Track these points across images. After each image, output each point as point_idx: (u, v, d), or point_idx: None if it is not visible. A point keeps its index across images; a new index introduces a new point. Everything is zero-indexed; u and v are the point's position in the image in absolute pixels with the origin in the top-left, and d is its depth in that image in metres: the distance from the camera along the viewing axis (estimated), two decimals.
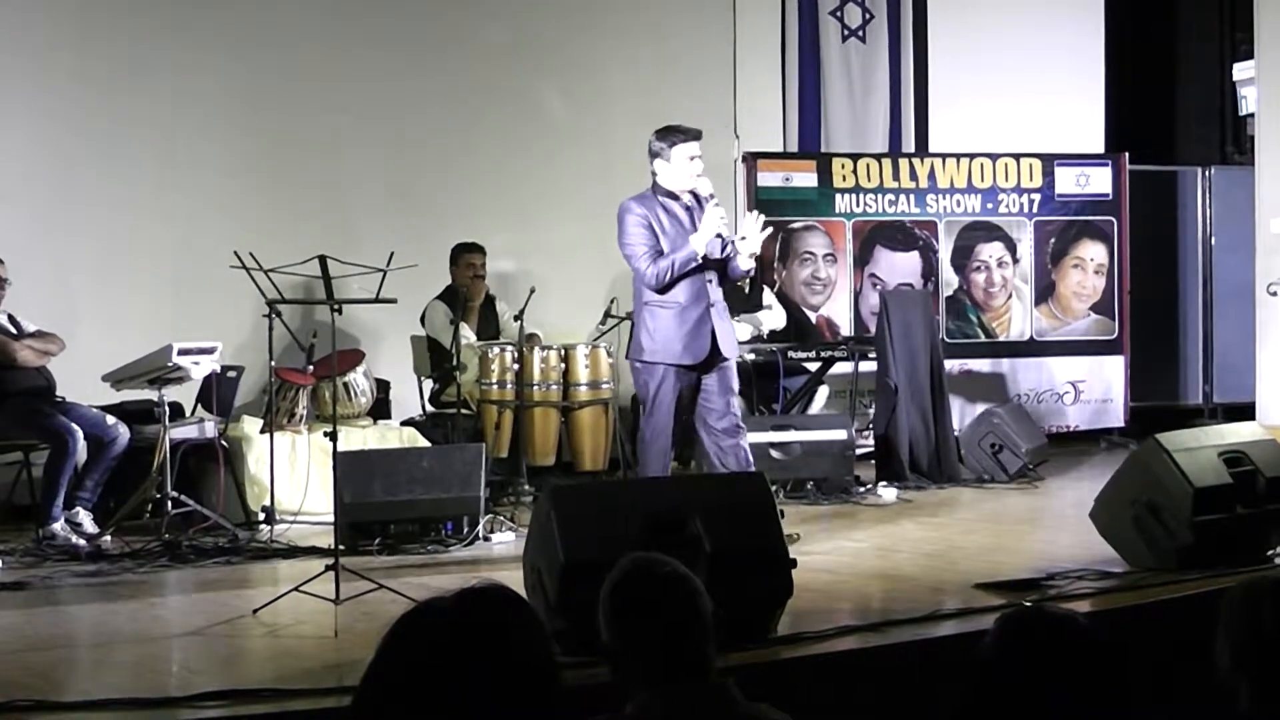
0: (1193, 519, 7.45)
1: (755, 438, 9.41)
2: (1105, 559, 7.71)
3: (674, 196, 8.45)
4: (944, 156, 13.09)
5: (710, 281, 8.38)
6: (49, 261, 10.66)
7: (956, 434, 11.61)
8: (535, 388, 10.53)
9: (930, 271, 12.91)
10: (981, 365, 13.01)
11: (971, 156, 13.01)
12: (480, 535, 8.91)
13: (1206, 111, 15.44)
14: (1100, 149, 14.03)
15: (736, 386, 8.57)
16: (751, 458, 8.55)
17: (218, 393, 9.68)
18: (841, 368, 12.05)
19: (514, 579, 6.39)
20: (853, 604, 7.32)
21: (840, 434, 10.81)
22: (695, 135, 8.51)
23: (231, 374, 9.96)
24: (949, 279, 12.96)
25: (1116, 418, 13.31)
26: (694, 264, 8.27)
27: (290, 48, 11.61)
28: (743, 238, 8.38)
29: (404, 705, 2.69)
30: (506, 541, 8.88)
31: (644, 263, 8.33)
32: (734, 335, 8.68)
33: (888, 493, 10.68)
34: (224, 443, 9.67)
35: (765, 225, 8.43)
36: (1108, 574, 7.48)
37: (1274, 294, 12.17)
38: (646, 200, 8.46)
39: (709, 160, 8.68)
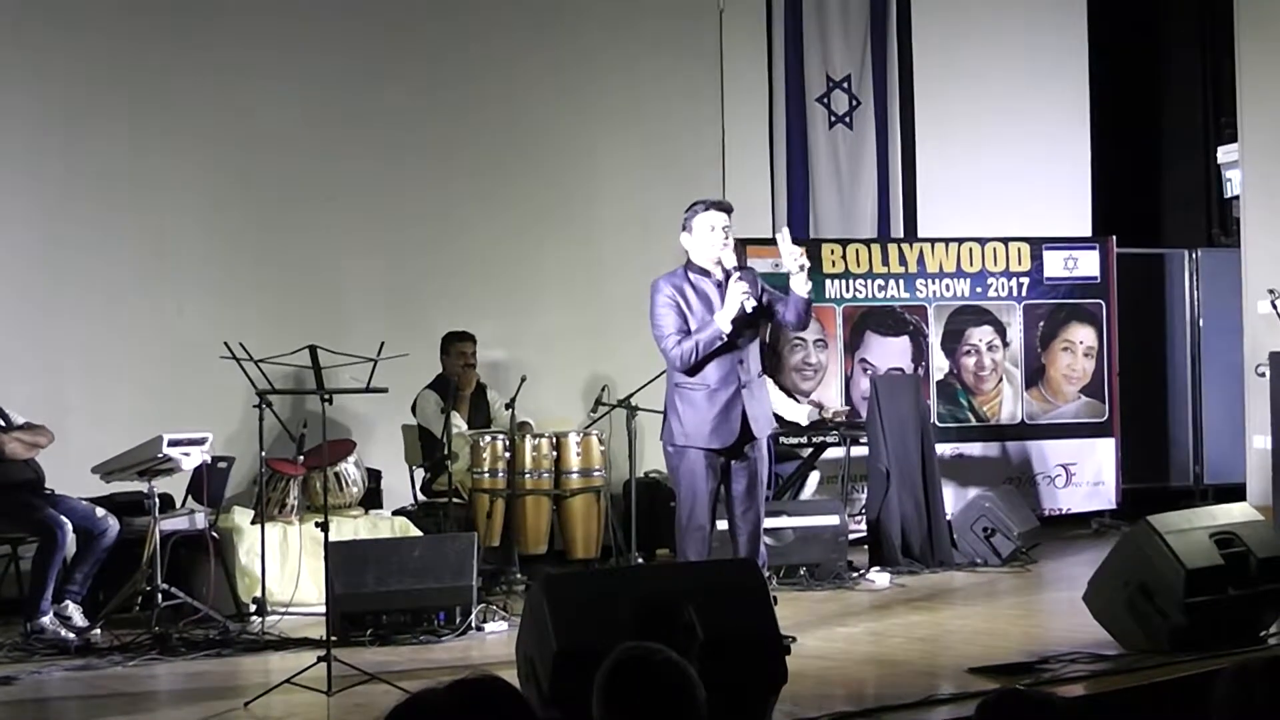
0: (1185, 600, 7.45)
1: None
2: (1098, 642, 7.71)
3: (705, 273, 8.23)
4: (933, 241, 13.11)
5: (741, 362, 8.15)
6: (37, 353, 10.66)
7: (949, 518, 11.59)
8: (527, 476, 10.53)
9: (920, 356, 12.92)
10: (973, 449, 13.00)
11: (960, 241, 13.04)
12: (473, 625, 8.87)
13: (1192, 194, 15.51)
14: (1088, 232, 14.08)
15: (764, 472, 8.40)
16: (764, 549, 8.47)
17: (208, 484, 9.65)
18: (833, 453, 12.04)
19: (507, 669, 6.37)
20: (847, 690, 7.30)
21: (832, 519, 10.79)
22: (719, 206, 8.29)
23: (222, 465, 9.94)
24: (939, 363, 12.96)
25: (1108, 500, 13.29)
26: (720, 342, 8.05)
27: (279, 137, 11.64)
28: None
29: None
30: (499, 631, 8.85)
31: (670, 343, 8.13)
32: (768, 412, 8.45)
33: (880, 578, 10.65)
34: (214, 534, 9.64)
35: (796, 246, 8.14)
36: (1101, 657, 7.48)
37: (1262, 375, 12.17)
38: (676, 278, 8.23)
39: None
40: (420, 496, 11.08)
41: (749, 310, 8.05)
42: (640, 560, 10.47)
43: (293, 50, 11.73)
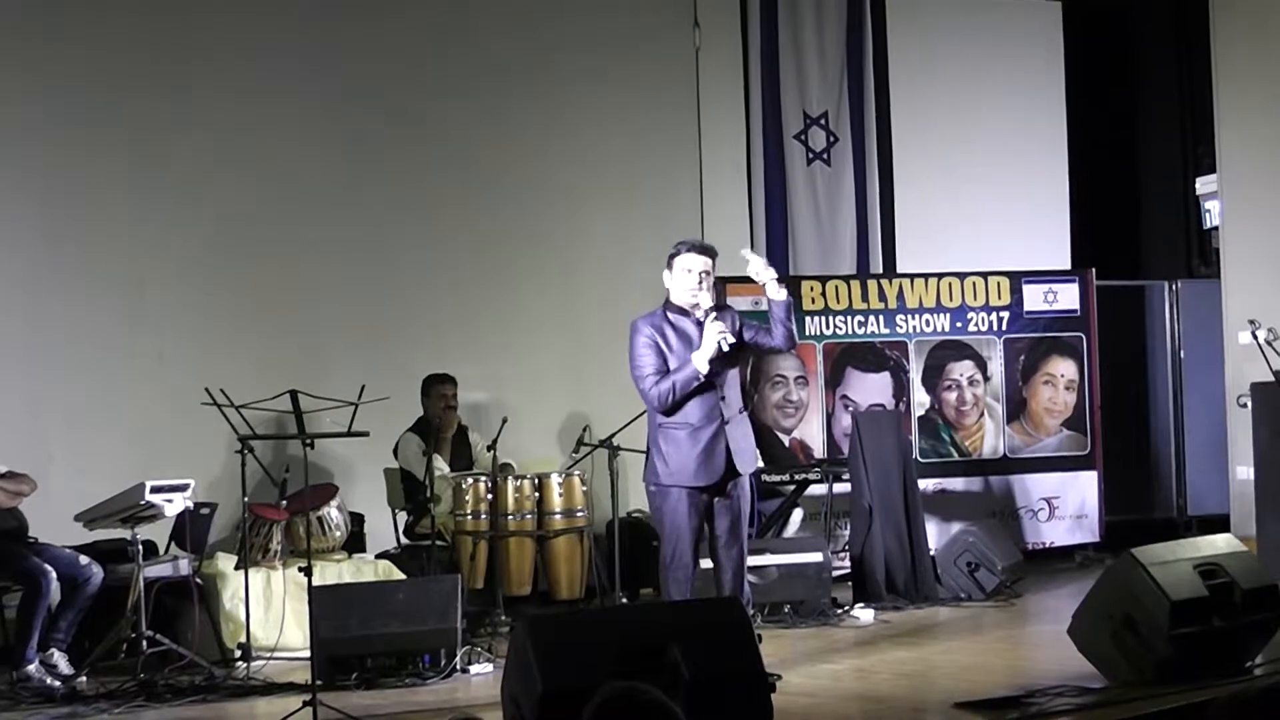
0: (1170, 632, 7.45)
1: None
2: (1084, 675, 7.71)
3: (684, 313, 8.25)
4: (912, 277, 13.12)
5: (723, 398, 8.16)
6: (19, 401, 10.65)
7: (932, 553, 11.60)
8: (510, 517, 10.52)
9: (902, 391, 12.93)
10: (955, 484, 13.00)
11: (939, 276, 13.05)
12: (458, 667, 8.85)
13: (1171, 226, 15.55)
14: (1067, 265, 14.12)
15: (748, 509, 8.42)
16: (748, 587, 8.45)
17: (191, 530, 9.63)
18: (816, 490, 12.05)
19: (493, 711, 6.37)
20: None
21: (816, 556, 10.79)
22: (700, 249, 8.30)
23: (204, 511, 9.92)
24: (921, 399, 12.97)
25: (1091, 533, 13.29)
26: (697, 382, 8.07)
27: (260, 182, 11.63)
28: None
29: None
30: (484, 673, 8.83)
31: (648, 384, 8.14)
32: (752, 448, 8.43)
33: (865, 614, 10.65)
34: (198, 580, 9.61)
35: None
36: (1087, 690, 7.47)
37: (1244, 405, 12.20)
38: (655, 318, 8.26)
39: None
40: (403, 539, 11.06)
41: (725, 349, 8.08)
42: (624, 600, 10.47)
43: (278, 97, 11.74)
